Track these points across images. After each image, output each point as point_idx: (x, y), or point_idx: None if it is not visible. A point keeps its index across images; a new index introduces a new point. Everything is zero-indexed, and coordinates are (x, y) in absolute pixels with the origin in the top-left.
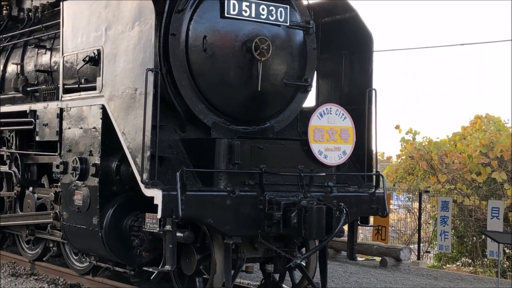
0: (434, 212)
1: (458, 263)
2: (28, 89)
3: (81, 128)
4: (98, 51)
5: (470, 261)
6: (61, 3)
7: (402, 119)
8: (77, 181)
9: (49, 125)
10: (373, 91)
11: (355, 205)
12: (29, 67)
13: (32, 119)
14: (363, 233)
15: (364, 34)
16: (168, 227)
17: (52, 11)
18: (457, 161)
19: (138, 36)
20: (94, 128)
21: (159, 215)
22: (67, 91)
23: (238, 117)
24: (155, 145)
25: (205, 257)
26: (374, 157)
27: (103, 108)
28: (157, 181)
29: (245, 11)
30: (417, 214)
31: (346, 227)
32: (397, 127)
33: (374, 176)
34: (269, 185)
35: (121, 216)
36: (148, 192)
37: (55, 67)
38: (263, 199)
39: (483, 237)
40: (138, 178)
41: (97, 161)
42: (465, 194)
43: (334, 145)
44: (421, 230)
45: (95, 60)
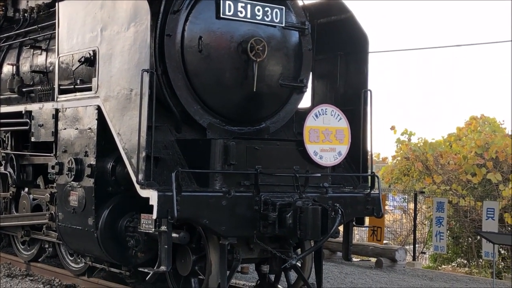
0: (430, 213)
1: (454, 264)
2: (24, 90)
3: (77, 129)
4: (94, 52)
5: (466, 262)
6: (57, 4)
7: (398, 120)
8: (73, 182)
9: (45, 126)
10: (369, 92)
11: (350, 206)
12: (25, 68)
13: (28, 120)
14: (359, 234)
15: (360, 35)
16: (164, 228)
17: (48, 12)
18: (452, 162)
19: (134, 37)
20: (90, 129)
21: (155, 216)
22: (63, 92)
23: (234, 118)
24: (151, 146)
25: (201, 258)
26: (369, 158)
27: (99, 109)
28: (153, 182)
29: (241, 12)
30: (413, 215)
31: (342, 228)
32: (393, 128)
33: (369, 177)
34: (265, 186)
35: (117, 217)
36: (144, 193)
37: (51, 68)
38: (259, 200)
39: (478, 238)
40: (134, 179)
41: (93, 162)
42: (460, 195)
43: (330, 146)
44: (417, 231)
45: (91, 61)
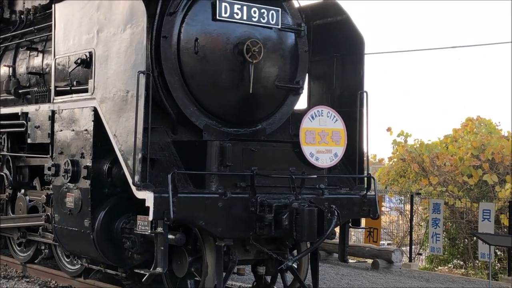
0: (426, 214)
1: (450, 265)
2: (20, 92)
3: (73, 130)
4: (90, 54)
5: (462, 263)
6: (53, 5)
7: (394, 122)
8: (69, 183)
9: (41, 127)
10: (365, 94)
11: (347, 207)
12: (21, 70)
13: (24, 122)
14: (356, 235)
15: (356, 37)
16: (160, 229)
17: (44, 14)
18: (449, 164)
19: (130, 39)
20: (86, 130)
21: (151, 217)
22: (59, 94)
23: (230, 120)
24: (147, 147)
25: (197, 259)
26: (366, 159)
27: (95, 110)
28: (149, 183)
29: (237, 14)
30: (409, 217)
31: (338, 229)
32: (389, 130)
33: (366, 178)
34: (261, 187)
35: (113, 218)
36: (140, 194)
37: (47, 70)
38: (255, 201)
39: (475, 239)
40: (130, 180)
41: (89, 163)
42: (457, 196)
43: (326, 147)
44: (413, 232)
45: (87, 63)
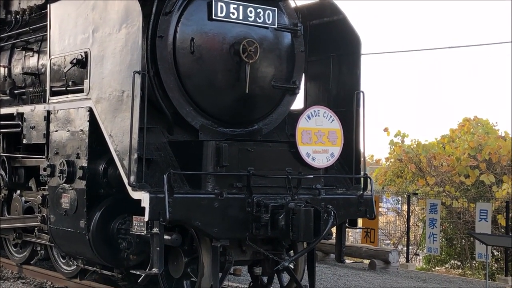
0: (423, 215)
1: (447, 266)
2: (16, 92)
3: (68, 131)
4: (86, 53)
5: (459, 264)
6: (48, 5)
7: (391, 122)
8: (64, 184)
9: (36, 128)
10: (361, 93)
11: (343, 208)
12: (17, 70)
13: (19, 122)
14: (353, 236)
15: (352, 37)
16: (156, 230)
17: (40, 14)
18: (446, 164)
19: (125, 38)
20: (81, 131)
21: (146, 218)
22: (54, 94)
23: (226, 120)
24: (143, 148)
25: (193, 260)
26: (362, 159)
27: (90, 111)
28: (144, 184)
29: (233, 14)
30: (406, 217)
31: (335, 230)
32: (386, 130)
33: (362, 178)
34: (257, 188)
35: (109, 219)
36: (135, 195)
37: (43, 70)
38: (251, 202)
39: (472, 239)
40: (125, 181)
41: (84, 164)
42: (454, 197)
43: (322, 147)
44: (410, 233)
45: (83, 63)
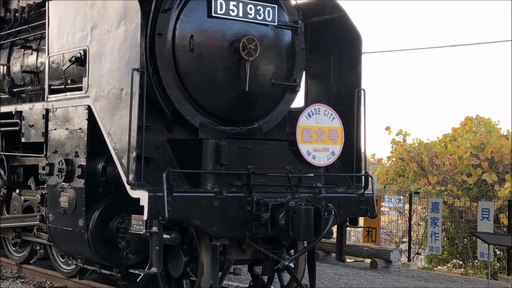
0: (425, 214)
1: (449, 265)
2: (14, 90)
3: (67, 129)
4: (84, 51)
5: (461, 263)
6: (47, 3)
7: (393, 121)
8: (63, 183)
9: (35, 126)
10: (362, 91)
11: (344, 206)
12: (16, 68)
13: (18, 121)
14: (355, 235)
15: (353, 34)
16: (155, 229)
17: (39, 12)
18: (448, 163)
19: (124, 36)
20: (80, 129)
21: (145, 217)
22: (53, 92)
23: (226, 118)
24: (141, 146)
25: (193, 259)
26: (363, 158)
27: (89, 109)
28: (143, 182)
29: (233, 11)
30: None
31: (335, 229)
32: (387, 129)
33: (363, 177)
34: (257, 186)
35: (107, 218)
36: (134, 194)
37: (41, 68)
38: (251, 200)
39: (474, 239)
40: (124, 179)
41: (83, 163)
42: (456, 196)
43: (323, 146)
44: (412, 232)
45: (81, 61)
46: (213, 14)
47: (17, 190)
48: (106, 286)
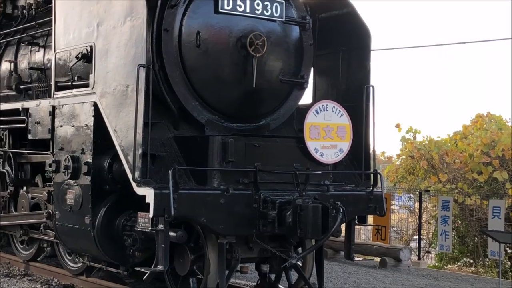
0: (435, 212)
1: (459, 263)
2: (21, 87)
3: (73, 126)
4: (91, 48)
5: (471, 261)
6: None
7: (403, 118)
8: (69, 180)
9: (42, 123)
10: (371, 88)
11: (352, 204)
12: (23, 65)
13: (25, 117)
14: (365, 234)
15: (362, 30)
16: (161, 227)
17: (46, 8)
18: (458, 161)
19: (130, 32)
20: (86, 126)
21: (151, 214)
22: (60, 89)
23: (233, 115)
24: (147, 143)
25: (199, 257)
26: (372, 155)
27: (95, 106)
28: (149, 180)
29: (240, 6)
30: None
31: (344, 227)
32: (397, 126)
33: (372, 175)
34: (264, 184)
35: (114, 216)
36: (140, 191)
37: (48, 65)
38: (258, 198)
39: (484, 237)
40: (130, 177)
41: (89, 160)
42: (466, 194)
43: (331, 143)
44: (422, 230)
45: (88, 57)
46: (220, 10)
47: (25, 188)
48: (113, 284)
